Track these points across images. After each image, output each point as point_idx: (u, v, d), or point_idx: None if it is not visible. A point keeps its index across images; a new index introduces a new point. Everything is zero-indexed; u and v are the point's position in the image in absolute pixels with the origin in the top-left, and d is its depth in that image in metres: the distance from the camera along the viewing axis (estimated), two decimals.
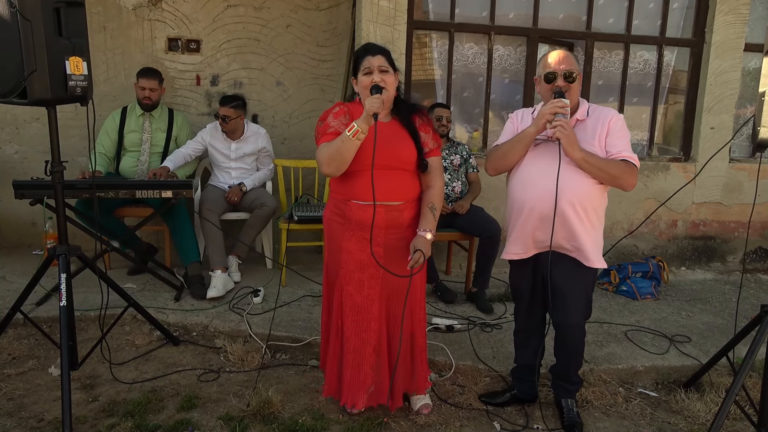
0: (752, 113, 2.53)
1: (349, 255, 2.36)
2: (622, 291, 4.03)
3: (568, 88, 2.32)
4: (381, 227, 2.32)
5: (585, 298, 2.46)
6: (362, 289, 2.37)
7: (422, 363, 2.55)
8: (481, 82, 4.37)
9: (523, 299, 2.60)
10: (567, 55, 2.35)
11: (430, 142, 2.40)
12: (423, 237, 2.33)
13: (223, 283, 3.60)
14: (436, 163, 2.41)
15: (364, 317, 2.37)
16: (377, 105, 2.13)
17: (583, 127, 2.37)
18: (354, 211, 2.32)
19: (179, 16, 4.33)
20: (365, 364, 2.39)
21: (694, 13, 4.44)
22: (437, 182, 2.41)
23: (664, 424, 2.63)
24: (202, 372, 2.85)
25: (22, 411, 2.47)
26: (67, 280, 2.44)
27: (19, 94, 2.20)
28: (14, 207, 4.16)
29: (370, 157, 2.19)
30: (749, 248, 4.76)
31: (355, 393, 2.41)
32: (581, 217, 2.34)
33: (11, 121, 4.32)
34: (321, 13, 4.49)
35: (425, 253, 2.31)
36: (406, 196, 2.36)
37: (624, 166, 2.31)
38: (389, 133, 2.31)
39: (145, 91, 3.88)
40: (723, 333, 3.41)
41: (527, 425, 2.55)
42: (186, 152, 3.96)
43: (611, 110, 2.40)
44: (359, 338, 2.38)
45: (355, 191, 2.31)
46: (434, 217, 2.37)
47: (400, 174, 2.33)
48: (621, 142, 2.33)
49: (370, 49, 2.31)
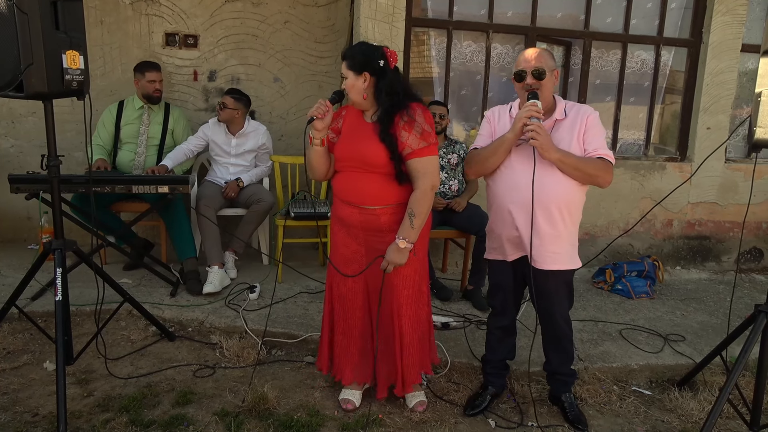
0: (748, 114, 2.54)
1: (335, 248, 2.51)
2: (618, 290, 4.05)
3: (538, 86, 2.31)
4: (359, 228, 2.39)
5: (566, 290, 2.50)
6: (347, 282, 2.48)
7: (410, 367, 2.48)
8: (479, 80, 4.37)
9: (503, 296, 2.60)
10: (539, 53, 2.33)
11: (413, 142, 2.24)
12: (395, 245, 2.28)
13: (219, 279, 3.59)
14: (420, 164, 2.25)
15: (349, 306, 2.51)
16: (313, 109, 2.28)
17: (562, 126, 2.37)
18: (337, 208, 2.47)
19: (177, 11, 4.32)
20: (352, 346, 2.54)
21: (691, 13, 4.45)
22: (420, 184, 2.26)
23: (657, 422, 2.64)
24: (198, 368, 2.85)
25: (17, 405, 2.47)
26: (62, 274, 2.43)
27: (15, 87, 2.19)
28: (10, 201, 4.15)
29: (344, 158, 2.36)
30: (744, 248, 4.78)
31: (342, 368, 2.56)
32: (557, 221, 2.35)
33: (7, 115, 4.30)
34: (319, 9, 4.48)
35: (394, 262, 2.29)
36: (381, 200, 2.32)
37: (600, 164, 2.31)
38: (363, 133, 2.33)
39: (155, 84, 3.88)
40: (717, 332, 3.43)
41: (522, 422, 2.56)
42: (187, 148, 3.95)
43: (586, 107, 2.41)
44: (346, 323, 2.53)
45: (338, 189, 2.44)
46: (411, 225, 2.26)
47: (372, 177, 2.31)
48: (597, 139, 2.34)
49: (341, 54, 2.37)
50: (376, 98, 2.32)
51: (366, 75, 2.28)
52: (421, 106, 2.33)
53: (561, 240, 2.38)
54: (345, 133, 2.41)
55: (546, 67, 2.31)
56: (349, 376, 2.56)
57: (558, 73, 2.39)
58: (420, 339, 2.53)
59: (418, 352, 2.53)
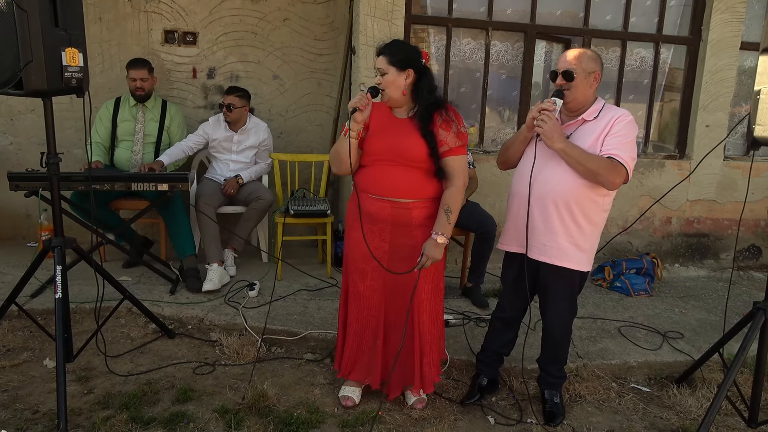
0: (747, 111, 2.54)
1: (356, 245, 2.44)
2: (616, 287, 4.05)
3: (568, 86, 2.34)
4: (387, 222, 2.36)
5: (568, 297, 2.48)
6: (365, 279, 2.44)
7: (430, 365, 2.52)
8: (478, 77, 4.37)
9: (505, 287, 2.67)
10: (577, 54, 2.35)
11: (451, 140, 2.34)
12: (433, 240, 2.33)
13: (219, 277, 3.60)
14: (456, 162, 2.35)
15: (365, 305, 2.46)
16: (355, 101, 2.25)
17: (588, 127, 2.37)
18: (364, 202, 2.39)
19: (176, 8, 4.31)
20: (364, 345, 2.50)
21: (690, 10, 4.45)
22: (456, 182, 2.36)
23: (656, 419, 2.65)
24: (198, 365, 2.86)
25: (17, 403, 2.47)
26: (62, 272, 2.44)
27: (14, 84, 2.19)
28: (9, 199, 4.14)
29: (378, 152, 2.32)
30: (742, 246, 4.79)
31: (351, 366, 2.55)
32: (550, 214, 2.36)
33: (6, 112, 4.29)
34: (318, 6, 4.47)
35: (432, 257, 2.32)
36: (415, 194, 2.36)
37: (605, 162, 2.27)
38: (400, 129, 2.36)
39: (136, 82, 3.86)
40: (715, 329, 3.44)
41: (521, 419, 2.57)
42: (187, 145, 3.94)
43: (621, 111, 2.36)
44: (359, 323, 2.49)
45: (366, 184, 2.39)
46: (448, 220, 2.34)
47: (408, 171, 2.34)
48: (615, 141, 2.30)
49: (377, 50, 2.37)
50: (415, 95, 2.36)
51: (410, 72, 2.32)
52: (453, 108, 2.43)
53: (554, 235, 2.37)
54: (376, 128, 2.39)
55: (581, 69, 2.32)
56: (357, 375, 2.56)
57: (599, 75, 2.37)
58: (438, 337, 2.57)
59: (438, 351, 2.58)
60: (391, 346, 2.48)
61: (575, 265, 2.40)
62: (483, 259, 3.67)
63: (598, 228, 2.43)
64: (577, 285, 2.49)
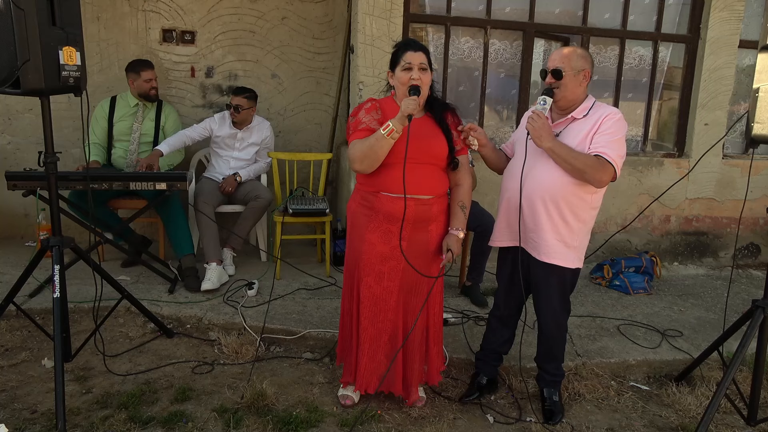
0: (746, 110, 2.54)
1: (372, 247, 2.38)
2: (615, 285, 4.05)
3: (557, 85, 2.36)
4: (409, 221, 2.34)
5: (559, 294, 2.48)
6: (382, 281, 2.39)
7: (438, 355, 2.60)
8: (476, 76, 4.37)
9: (499, 284, 2.67)
10: (567, 53, 2.37)
11: (460, 140, 2.43)
12: (456, 236, 2.39)
13: (218, 276, 3.59)
14: (465, 160, 2.45)
15: (381, 308, 2.41)
16: (413, 107, 2.19)
17: (577, 124, 2.38)
18: (383, 203, 2.35)
19: (174, 7, 4.30)
20: (380, 352, 2.45)
21: (689, 9, 4.45)
22: (466, 180, 2.45)
23: (655, 417, 2.65)
24: (196, 364, 2.86)
25: (15, 402, 2.46)
26: (60, 271, 2.43)
27: (12, 83, 2.18)
28: (7, 198, 4.14)
29: (402, 151, 2.23)
30: (741, 244, 4.79)
31: (368, 379, 2.46)
32: (538, 211, 2.37)
33: (3, 112, 4.28)
34: (317, 5, 4.46)
35: (455, 252, 2.37)
36: (436, 190, 2.38)
37: (592, 161, 2.27)
38: (422, 128, 2.36)
39: (152, 82, 3.87)
40: (714, 328, 3.44)
41: (520, 418, 2.57)
42: (190, 135, 3.89)
43: (611, 109, 2.37)
44: (375, 328, 2.42)
45: (386, 183, 2.33)
46: (465, 216, 2.42)
47: (430, 168, 2.36)
48: (604, 139, 2.30)
49: (411, 45, 2.33)
50: (429, 94, 2.40)
51: (433, 72, 2.37)
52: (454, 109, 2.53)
53: (542, 232, 2.39)
54: None
55: (570, 67, 2.33)
56: (375, 387, 2.46)
57: (588, 73, 2.38)
58: (441, 327, 2.61)
59: (441, 341, 2.63)
60: (406, 347, 2.47)
61: (563, 262, 2.41)
62: (482, 257, 3.67)
63: (587, 225, 2.44)
64: (569, 283, 2.49)
